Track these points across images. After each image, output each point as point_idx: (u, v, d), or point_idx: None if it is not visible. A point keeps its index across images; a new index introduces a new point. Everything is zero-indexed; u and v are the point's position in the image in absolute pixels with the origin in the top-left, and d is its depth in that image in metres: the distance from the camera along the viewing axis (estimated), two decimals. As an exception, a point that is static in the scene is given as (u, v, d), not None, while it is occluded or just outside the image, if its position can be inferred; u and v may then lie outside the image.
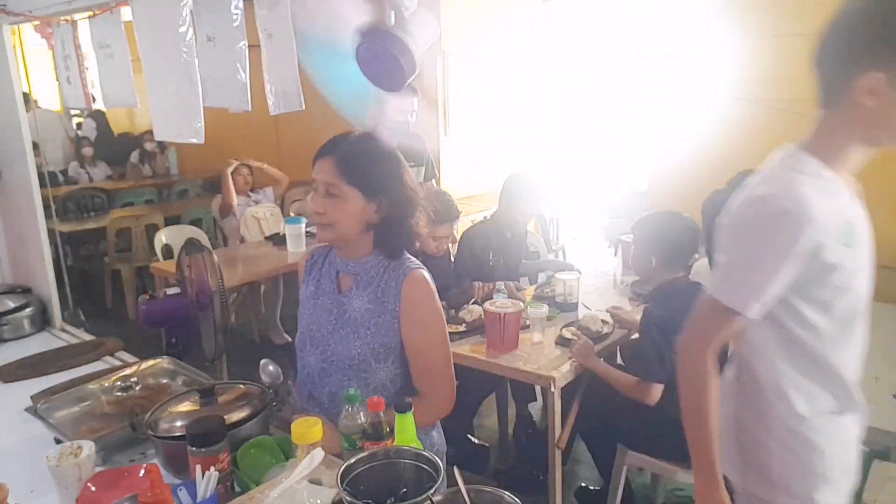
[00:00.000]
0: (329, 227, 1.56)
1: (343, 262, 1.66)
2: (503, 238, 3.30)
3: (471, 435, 3.23)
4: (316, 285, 1.70)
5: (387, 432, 1.33)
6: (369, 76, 1.46)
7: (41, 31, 2.43)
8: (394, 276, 1.60)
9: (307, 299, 1.71)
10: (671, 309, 2.27)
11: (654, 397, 2.27)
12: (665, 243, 2.36)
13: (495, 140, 5.90)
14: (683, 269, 2.40)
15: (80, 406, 1.76)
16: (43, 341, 2.45)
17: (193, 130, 1.87)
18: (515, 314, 2.46)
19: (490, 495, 1.11)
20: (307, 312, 1.70)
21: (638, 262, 2.46)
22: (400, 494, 1.15)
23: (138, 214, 5.65)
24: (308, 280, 1.73)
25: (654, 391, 2.26)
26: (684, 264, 2.39)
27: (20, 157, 2.48)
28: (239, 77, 1.79)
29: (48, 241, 2.58)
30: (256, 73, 1.79)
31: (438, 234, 2.83)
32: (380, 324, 1.59)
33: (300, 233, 4.08)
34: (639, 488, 2.85)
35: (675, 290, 2.33)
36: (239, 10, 1.77)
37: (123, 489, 1.34)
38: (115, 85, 2.16)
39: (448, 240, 2.93)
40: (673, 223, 2.41)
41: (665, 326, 2.27)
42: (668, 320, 2.26)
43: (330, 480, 1.28)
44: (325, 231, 1.58)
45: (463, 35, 5.35)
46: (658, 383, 2.26)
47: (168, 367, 1.94)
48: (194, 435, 1.30)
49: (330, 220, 1.55)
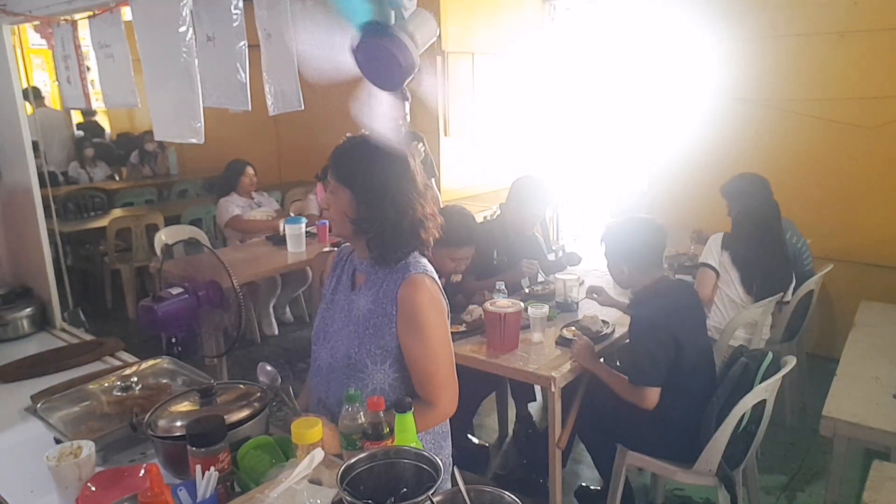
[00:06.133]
0: (332, 223, 1.63)
1: (359, 260, 1.68)
2: (508, 237, 3.30)
3: (471, 435, 3.23)
4: (337, 281, 1.74)
5: (387, 432, 1.33)
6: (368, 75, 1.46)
7: (41, 31, 2.42)
8: (393, 280, 1.60)
9: (327, 294, 1.75)
10: (656, 309, 2.30)
11: (651, 401, 2.27)
12: (632, 250, 2.39)
13: (495, 140, 5.91)
14: (659, 270, 2.41)
15: (80, 406, 1.75)
16: (43, 341, 2.44)
17: (193, 130, 1.87)
18: (516, 314, 2.46)
19: (490, 495, 1.11)
20: (324, 307, 1.74)
21: (613, 272, 2.49)
22: (400, 494, 1.15)
23: (138, 214, 5.65)
24: (332, 276, 1.77)
25: (649, 395, 2.26)
26: (658, 266, 2.41)
27: (20, 157, 2.48)
28: (239, 77, 1.79)
29: (48, 241, 2.57)
30: (256, 73, 1.79)
31: (457, 255, 2.70)
32: (378, 325, 1.59)
33: (300, 233, 4.08)
34: (639, 488, 2.85)
35: (657, 293, 2.36)
36: (239, 10, 1.77)
37: (123, 489, 1.34)
38: (115, 85, 2.16)
39: (467, 262, 2.77)
40: (636, 229, 2.43)
41: (653, 329, 2.28)
42: (655, 322, 2.28)
43: (330, 480, 1.28)
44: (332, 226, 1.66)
45: (463, 35, 5.36)
46: (654, 388, 2.26)
47: (168, 367, 1.94)
48: (194, 435, 1.30)
49: (330, 216, 1.61)
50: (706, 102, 4.39)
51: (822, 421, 2.08)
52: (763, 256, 3.03)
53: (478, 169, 5.77)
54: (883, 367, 2.39)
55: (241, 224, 4.71)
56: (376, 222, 1.55)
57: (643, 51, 4.91)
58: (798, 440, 3.26)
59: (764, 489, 2.85)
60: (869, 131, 3.83)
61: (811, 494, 2.86)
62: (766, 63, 4.14)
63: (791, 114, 4.10)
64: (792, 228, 3.38)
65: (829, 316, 4.06)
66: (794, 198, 3.66)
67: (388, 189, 1.54)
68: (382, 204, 1.54)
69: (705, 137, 4.40)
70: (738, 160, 3.90)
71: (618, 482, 2.44)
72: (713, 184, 3.38)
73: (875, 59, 3.79)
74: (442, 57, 5.24)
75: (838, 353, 2.58)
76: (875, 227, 3.89)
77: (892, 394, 2.16)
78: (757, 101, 4.20)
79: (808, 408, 3.44)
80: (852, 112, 3.87)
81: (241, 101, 1.82)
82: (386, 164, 1.55)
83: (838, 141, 3.94)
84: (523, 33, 5.93)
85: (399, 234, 1.57)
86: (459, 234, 2.64)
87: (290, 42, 1.72)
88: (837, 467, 2.14)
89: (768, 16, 4.09)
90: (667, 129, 4.67)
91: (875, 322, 2.85)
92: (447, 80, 5.33)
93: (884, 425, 1.99)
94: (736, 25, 4.21)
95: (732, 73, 4.26)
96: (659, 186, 4.79)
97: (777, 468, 3.04)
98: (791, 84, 4.08)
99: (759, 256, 3.03)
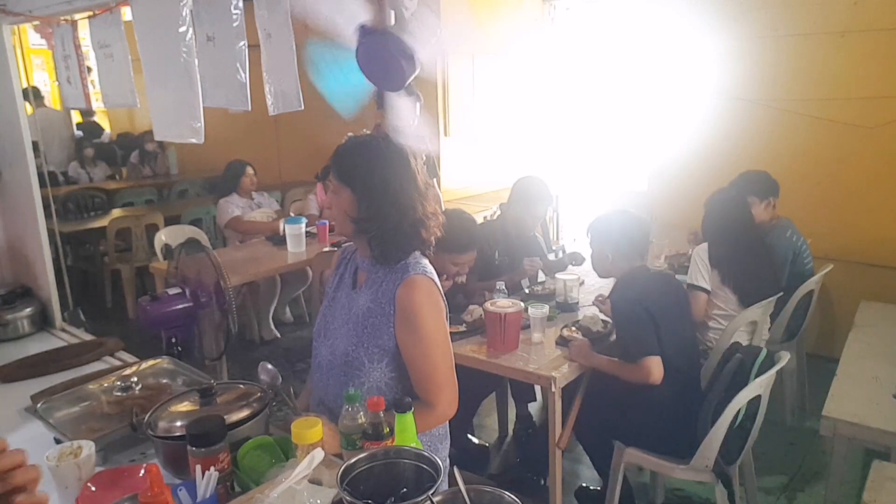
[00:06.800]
0: (334, 222, 1.61)
1: (361, 259, 1.69)
2: (509, 237, 3.30)
3: (471, 435, 3.23)
4: (339, 279, 1.76)
5: (387, 432, 1.33)
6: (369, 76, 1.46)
7: (41, 31, 2.42)
8: (393, 280, 1.60)
9: (329, 291, 1.77)
10: (636, 290, 2.42)
11: (657, 373, 2.29)
12: (617, 238, 2.52)
13: (495, 140, 5.90)
14: (640, 260, 2.54)
15: (80, 406, 1.75)
16: (43, 341, 2.44)
17: (193, 130, 1.87)
18: (516, 314, 2.46)
19: (490, 495, 1.11)
20: (327, 304, 1.75)
21: (596, 260, 2.63)
22: (400, 494, 1.15)
23: (138, 214, 5.65)
24: (336, 273, 1.78)
25: (653, 367, 2.29)
26: (639, 255, 2.54)
27: (20, 157, 2.48)
28: (239, 77, 1.79)
29: (48, 241, 2.57)
30: (256, 73, 1.79)
31: (459, 261, 2.69)
32: (376, 325, 1.60)
33: (300, 233, 4.08)
34: (638, 488, 2.85)
35: (636, 277, 2.49)
36: (239, 11, 1.77)
37: (123, 489, 1.33)
38: (115, 85, 2.16)
39: (469, 266, 2.76)
40: (621, 220, 2.57)
41: (630, 304, 2.38)
42: (635, 301, 2.38)
43: (330, 480, 1.28)
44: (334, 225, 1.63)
45: (463, 35, 5.35)
46: (653, 356, 2.30)
47: (168, 367, 1.94)
48: (194, 435, 1.30)
49: (332, 216, 1.60)
50: (706, 102, 4.39)
51: (822, 421, 2.08)
52: (747, 255, 2.99)
53: (478, 169, 5.76)
54: (883, 367, 2.39)
55: (240, 225, 4.71)
56: (378, 221, 1.56)
57: (643, 51, 4.91)
58: (798, 440, 3.26)
59: (764, 489, 2.85)
60: (869, 131, 3.83)
61: (811, 494, 2.86)
62: (766, 63, 4.14)
63: (791, 114, 4.10)
64: (792, 228, 3.38)
65: (829, 316, 4.06)
66: (794, 198, 3.66)
67: (389, 188, 1.55)
68: (384, 203, 1.55)
69: (705, 137, 4.40)
70: (738, 160, 3.90)
71: (616, 480, 2.44)
72: (713, 184, 3.38)
73: (875, 59, 3.79)
74: (442, 57, 5.23)
75: (838, 353, 2.58)
76: (875, 227, 3.89)
77: (892, 394, 2.16)
78: (757, 101, 4.20)
79: (808, 408, 3.44)
80: (852, 112, 3.87)
81: (241, 101, 1.82)
82: (387, 163, 1.56)
83: (838, 141, 3.95)
84: (523, 33, 5.93)
85: (400, 233, 1.57)
86: (461, 239, 2.65)
87: (290, 42, 1.71)
88: (837, 467, 2.14)
89: (768, 16, 4.09)
90: (667, 129, 4.67)
91: (875, 322, 2.85)
92: (447, 80, 5.32)
93: (884, 425, 1.99)
94: (736, 25, 4.21)
95: (732, 73, 4.26)
96: (659, 186, 4.79)
97: (777, 468, 3.04)
98: (791, 84, 4.08)
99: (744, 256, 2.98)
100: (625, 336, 2.44)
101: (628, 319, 2.39)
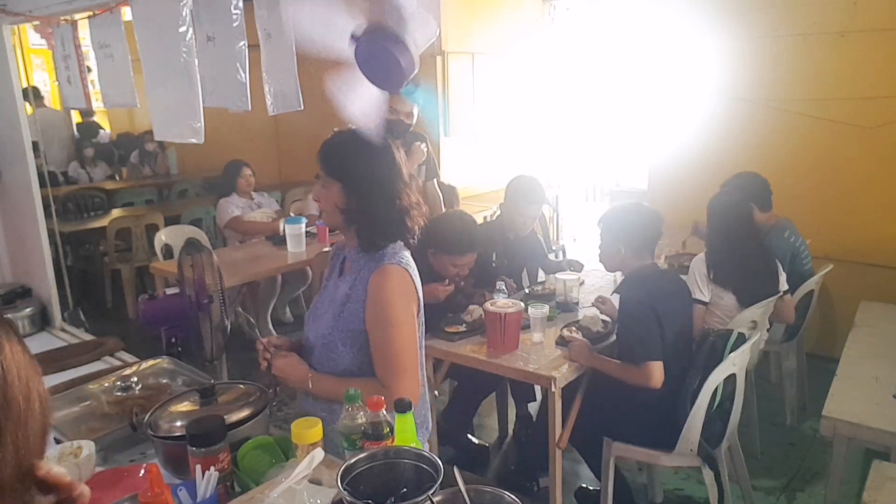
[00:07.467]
0: (323, 214, 1.72)
1: (349, 248, 1.77)
2: (506, 240, 3.28)
3: (471, 435, 3.23)
4: (331, 269, 1.83)
5: (387, 432, 1.33)
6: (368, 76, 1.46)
7: (41, 31, 2.42)
8: (369, 268, 1.67)
9: (324, 280, 1.85)
10: (647, 290, 2.37)
11: (658, 378, 2.28)
12: (631, 232, 2.46)
13: (495, 140, 5.91)
14: (650, 256, 2.50)
15: (80, 406, 1.76)
16: (43, 341, 2.44)
17: (193, 130, 1.87)
18: (516, 314, 2.46)
19: (490, 495, 1.11)
20: (320, 292, 1.84)
21: (606, 253, 2.55)
22: (400, 494, 1.15)
23: (138, 214, 5.64)
24: (331, 264, 1.86)
25: (655, 371, 2.28)
26: (650, 251, 2.50)
27: (20, 157, 2.48)
28: (239, 77, 1.80)
29: (48, 241, 2.58)
30: (256, 73, 1.79)
31: (459, 262, 2.69)
32: (351, 310, 1.66)
33: (300, 233, 4.07)
34: (638, 488, 2.85)
35: (646, 276, 2.44)
36: (239, 11, 1.78)
37: (123, 489, 1.34)
38: (115, 85, 2.16)
39: (469, 267, 2.76)
40: (637, 213, 2.52)
41: (640, 306, 2.34)
42: (642, 299, 2.34)
43: (330, 480, 1.28)
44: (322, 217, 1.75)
45: (463, 35, 5.35)
46: (656, 361, 2.28)
47: (168, 367, 1.94)
48: (194, 435, 1.30)
49: (321, 208, 1.71)
50: (706, 102, 4.39)
51: (822, 421, 2.08)
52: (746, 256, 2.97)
53: (478, 169, 5.76)
54: (883, 367, 2.39)
55: (240, 225, 4.71)
56: (366, 212, 1.63)
57: (643, 51, 4.91)
58: (798, 440, 3.26)
59: (764, 489, 2.85)
60: (868, 131, 3.83)
61: (811, 495, 2.86)
62: (766, 63, 4.14)
63: (791, 114, 4.10)
64: (790, 229, 3.37)
65: (829, 316, 4.06)
66: (793, 198, 3.66)
67: (375, 180, 1.63)
68: (371, 194, 1.63)
69: (705, 137, 4.40)
70: (738, 160, 3.90)
71: (607, 475, 2.45)
72: (713, 183, 3.38)
73: (874, 59, 3.79)
74: (442, 57, 5.24)
75: (838, 352, 2.58)
76: (875, 227, 3.89)
77: (892, 394, 2.16)
78: (757, 101, 4.20)
79: (808, 408, 3.44)
80: (851, 112, 3.87)
81: (241, 101, 1.82)
82: (373, 156, 1.63)
83: (838, 141, 3.94)
84: (523, 33, 5.93)
85: (387, 222, 1.65)
86: (461, 242, 2.65)
87: (290, 42, 1.72)
88: (837, 467, 2.14)
89: (768, 16, 4.09)
90: (667, 128, 4.67)
91: (875, 322, 2.85)
92: (447, 80, 5.33)
93: (884, 425, 1.99)
94: (736, 25, 4.21)
95: (732, 73, 4.26)
96: (659, 186, 4.79)
97: (777, 468, 3.04)
98: (791, 84, 4.08)
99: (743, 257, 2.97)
100: (628, 336, 2.40)
101: (636, 320, 2.35)
